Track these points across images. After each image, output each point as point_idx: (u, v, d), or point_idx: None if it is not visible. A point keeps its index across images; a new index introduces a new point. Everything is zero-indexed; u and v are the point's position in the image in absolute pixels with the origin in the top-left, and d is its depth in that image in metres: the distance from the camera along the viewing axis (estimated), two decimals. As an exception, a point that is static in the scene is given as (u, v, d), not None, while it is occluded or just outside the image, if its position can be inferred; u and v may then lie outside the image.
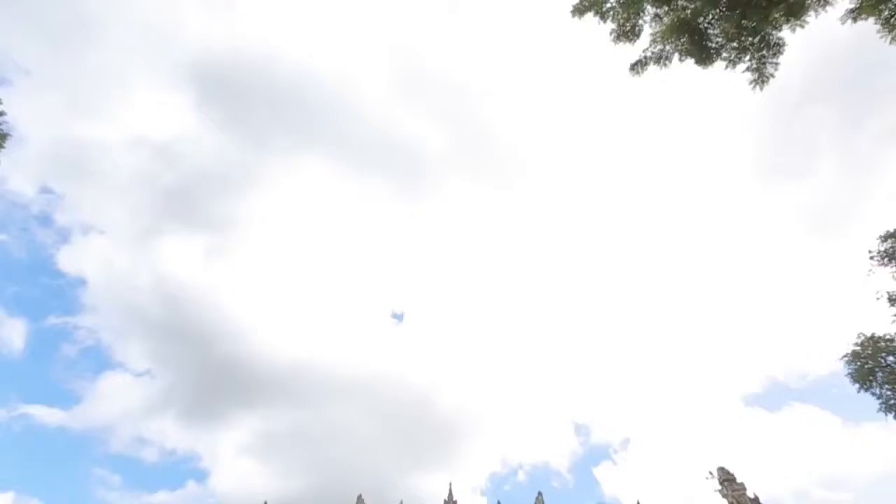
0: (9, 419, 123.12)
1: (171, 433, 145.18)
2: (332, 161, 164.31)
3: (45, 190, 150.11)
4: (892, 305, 15.06)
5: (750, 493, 32.93)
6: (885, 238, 15.05)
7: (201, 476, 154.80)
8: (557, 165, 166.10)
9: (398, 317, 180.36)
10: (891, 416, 14.81)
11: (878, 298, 15.37)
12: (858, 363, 15.49)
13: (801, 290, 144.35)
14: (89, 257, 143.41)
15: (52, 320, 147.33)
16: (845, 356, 15.86)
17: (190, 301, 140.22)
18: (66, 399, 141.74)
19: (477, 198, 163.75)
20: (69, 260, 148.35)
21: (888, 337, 15.22)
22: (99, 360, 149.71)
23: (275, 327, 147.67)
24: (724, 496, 33.49)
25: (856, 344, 15.79)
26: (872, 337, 15.56)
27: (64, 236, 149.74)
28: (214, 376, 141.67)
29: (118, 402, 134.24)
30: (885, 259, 15.04)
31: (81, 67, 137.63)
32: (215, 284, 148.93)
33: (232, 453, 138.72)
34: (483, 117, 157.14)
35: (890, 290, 15.06)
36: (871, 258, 15.34)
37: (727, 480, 33.86)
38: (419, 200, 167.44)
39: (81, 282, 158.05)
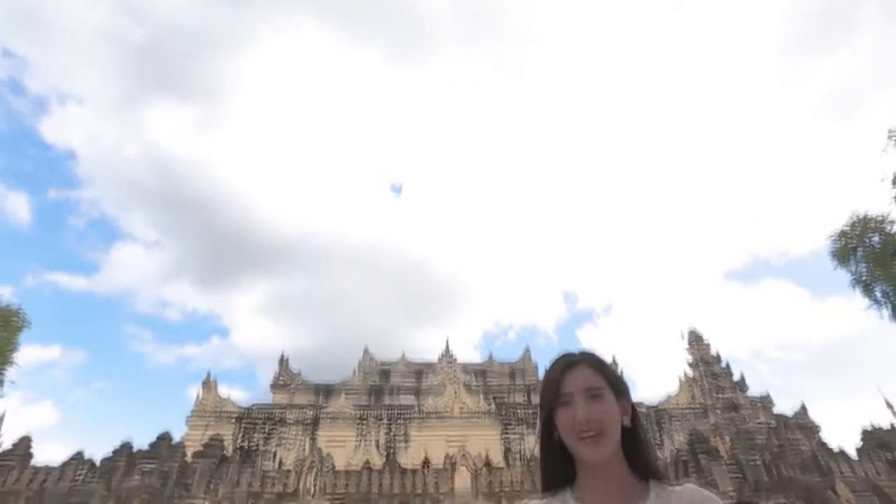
0: (36, 285, 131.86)
1: (188, 297, 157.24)
2: (322, 21, 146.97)
3: (7, 53, 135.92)
4: (895, 187, 14.86)
5: (713, 352, 37.15)
6: (908, 116, 14.20)
7: (224, 332, 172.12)
8: (564, 34, 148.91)
9: (397, 189, 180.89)
10: (859, 291, 15.77)
11: (881, 181, 15.09)
12: (843, 241, 15.89)
13: (801, 170, 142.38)
14: (73, 129, 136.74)
15: (53, 194, 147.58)
16: (832, 234, 16.22)
17: (186, 172, 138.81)
18: (85, 268, 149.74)
19: (479, 65, 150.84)
20: (52, 131, 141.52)
21: (879, 217, 15.38)
22: (107, 232, 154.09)
23: (275, 197, 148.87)
24: (691, 353, 37.85)
25: (846, 224, 16.00)
26: (864, 217, 15.71)
27: (41, 105, 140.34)
28: (221, 246, 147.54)
29: (134, 270, 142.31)
30: (904, 141, 14.36)
31: None
32: (209, 155, 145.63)
33: (247, 313, 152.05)
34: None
35: (896, 171, 14.66)
36: (890, 137, 14.58)
37: (695, 340, 37.88)
38: (418, 66, 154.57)
39: (71, 154, 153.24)
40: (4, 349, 17.49)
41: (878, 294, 15.49)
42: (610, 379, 1.22)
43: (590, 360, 1.25)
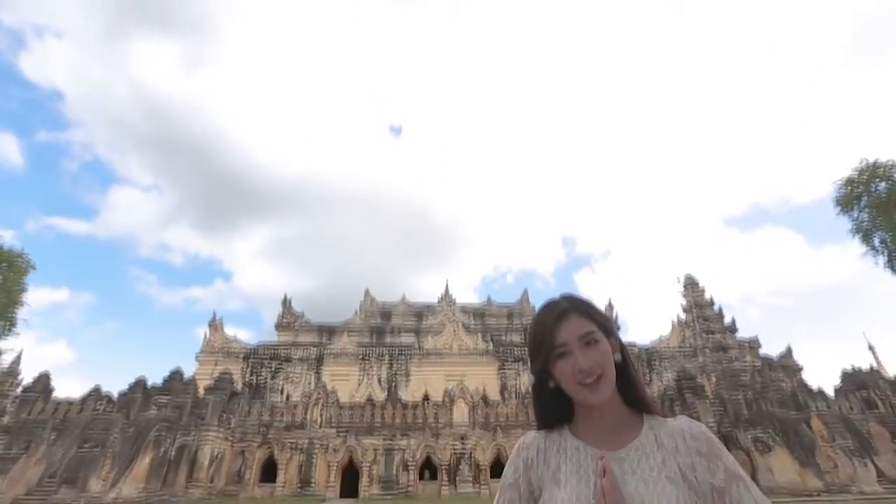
0: (38, 230, 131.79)
1: (189, 241, 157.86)
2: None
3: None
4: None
5: (707, 297, 37.95)
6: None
7: (226, 276, 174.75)
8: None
9: (396, 130, 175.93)
10: (857, 238, 15.78)
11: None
12: (849, 188, 15.65)
13: (809, 119, 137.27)
14: (55, 65, 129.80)
15: (43, 136, 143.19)
16: (838, 180, 15.95)
17: (177, 112, 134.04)
18: (84, 212, 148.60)
19: (478, 6, 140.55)
20: (34, 69, 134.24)
21: (890, 163, 15.04)
22: (103, 175, 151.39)
23: (271, 139, 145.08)
24: (685, 297, 38.68)
25: (854, 169, 15.67)
26: (874, 164, 15.36)
27: (19, 40, 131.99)
28: (219, 190, 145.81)
29: (133, 214, 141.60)
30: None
31: None
32: (201, 94, 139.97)
33: (248, 257, 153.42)
34: None
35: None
36: None
37: (691, 285, 38.56)
38: (418, 1, 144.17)
39: (57, 94, 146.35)
40: (13, 291, 17.83)
41: (877, 242, 15.52)
42: (599, 321, 1.22)
43: (578, 307, 1.24)
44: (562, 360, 1.18)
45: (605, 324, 1.23)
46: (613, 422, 1.22)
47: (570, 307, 1.24)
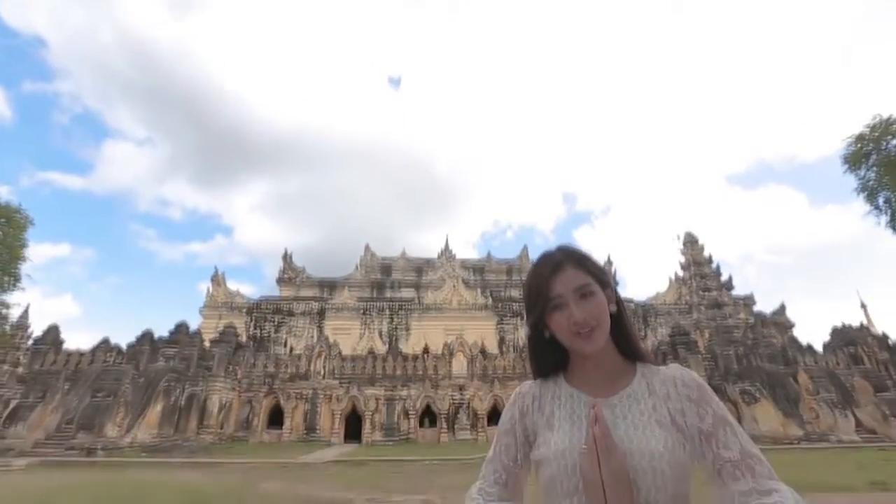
0: (33, 185, 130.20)
1: (187, 195, 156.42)
2: None
3: None
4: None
5: (705, 254, 38.15)
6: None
7: (226, 230, 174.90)
8: None
9: (395, 81, 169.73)
10: (862, 197, 15.57)
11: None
12: (859, 145, 15.26)
13: (822, 74, 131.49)
14: (35, 10, 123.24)
15: (29, 87, 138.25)
16: (849, 137, 15.52)
17: (165, 60, 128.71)
18: (79, 166, 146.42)
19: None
20: (14, 14, 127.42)
21: (904, 120, 14.55)
22: (95, 128, 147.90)
23: (268, 91, 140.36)
24: (684, 254, 38.89)
25: (866, 125, 15.21)
26: (887, 119, 14.87)
27: None
28: (215, 143, 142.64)
29: (129, 168, 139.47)
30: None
31: None
32: (191, 40, 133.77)
33: (248, 211, 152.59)
34: None
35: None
36: None
37: (690, 243, 38.67)
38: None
39: (40, 42, 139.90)
40: (14, 246, 17.84)
41: (881, 201, 15.35)
42: (594, 273, 1.22)
43: (573, 259, 1.24)
44: (557, 312, 1.19)
45: (600, 276, 1.22)
46: (607, 370, 1.23)
47: (566, 259, 1.23)
